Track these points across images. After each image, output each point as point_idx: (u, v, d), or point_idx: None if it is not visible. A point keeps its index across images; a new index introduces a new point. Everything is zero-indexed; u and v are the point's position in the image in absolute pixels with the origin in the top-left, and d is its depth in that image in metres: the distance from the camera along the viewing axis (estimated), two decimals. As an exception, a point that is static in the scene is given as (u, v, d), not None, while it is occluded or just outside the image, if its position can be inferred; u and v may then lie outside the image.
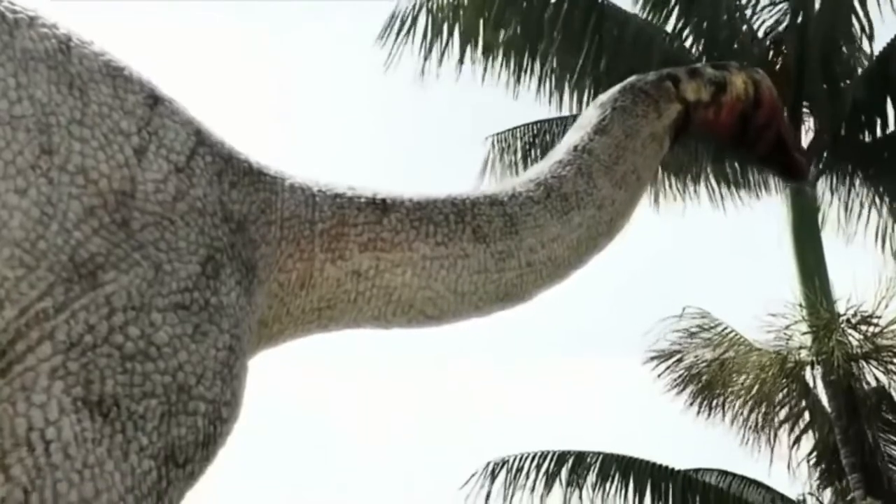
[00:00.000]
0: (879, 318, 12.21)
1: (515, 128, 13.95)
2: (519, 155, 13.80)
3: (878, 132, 13.27)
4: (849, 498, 10.64)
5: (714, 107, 2.89)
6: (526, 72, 13.02)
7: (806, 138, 13.43)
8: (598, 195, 2.74)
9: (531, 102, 13.15)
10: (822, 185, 13.49)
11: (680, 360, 12.86)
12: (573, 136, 2.85)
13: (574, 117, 13.53)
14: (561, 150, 2.84)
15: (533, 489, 12.41)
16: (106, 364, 1.95)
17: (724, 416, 12.74)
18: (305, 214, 2.47)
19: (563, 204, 2.68)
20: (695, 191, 13.70)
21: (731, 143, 2.99)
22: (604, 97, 2.94)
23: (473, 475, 12.51)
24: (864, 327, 12.19)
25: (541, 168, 2.80)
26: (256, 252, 2.34)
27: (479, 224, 2.57)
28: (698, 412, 12.79)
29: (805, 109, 13.31)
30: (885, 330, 12.19)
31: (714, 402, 12.77)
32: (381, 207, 2.53)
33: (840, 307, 12.36)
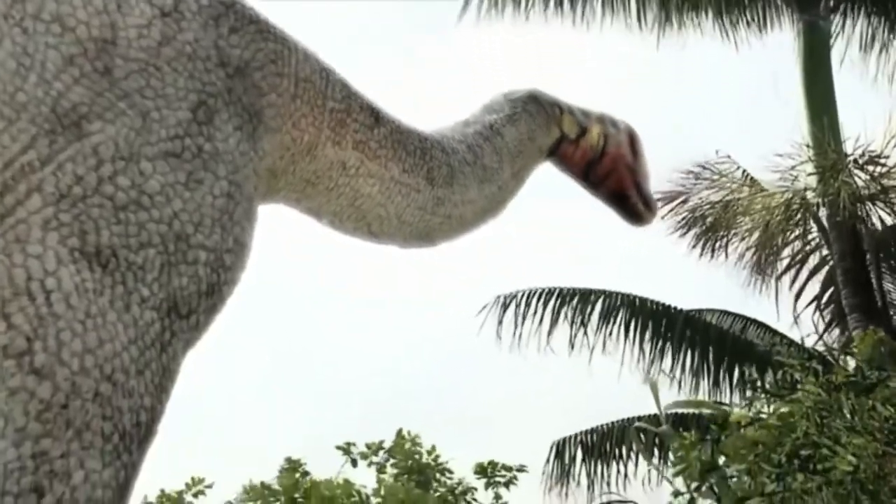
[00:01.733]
0: (887, 157, 12.11)
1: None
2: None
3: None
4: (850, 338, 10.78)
5: (574, 146, 3.17)
6: None
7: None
8: (502, 177, 2.95)
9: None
10: (836, 21, 13.17)
11: (685, 202, 12.84)
12: (487, 116, 3.02)
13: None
14: (477, 123, 2.99)
15: (539, 324, 12.63)
16: (99, 214, 1.91)
17: (727, 257, 12.83)
18: (320, 85, 2.45)
19: (482, 173, 2.88)
20: (699, 23, 13.37)
21: (578, 182, 3.31)
22: (512, 94, 3.13)
23: (484, 307, 12.77)
24: (871, 168, 12.10)
25: (464, 132, 2.94)
26: (263, 99, 2.29)
27: (432, 166, 2.74)
28: (702, 254, 12.88)
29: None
30: (893, 171, 12.11)
31: (718, 244, 12.83)
32: (375, 116, 2.62)
33: (848, 147, 12.25)
